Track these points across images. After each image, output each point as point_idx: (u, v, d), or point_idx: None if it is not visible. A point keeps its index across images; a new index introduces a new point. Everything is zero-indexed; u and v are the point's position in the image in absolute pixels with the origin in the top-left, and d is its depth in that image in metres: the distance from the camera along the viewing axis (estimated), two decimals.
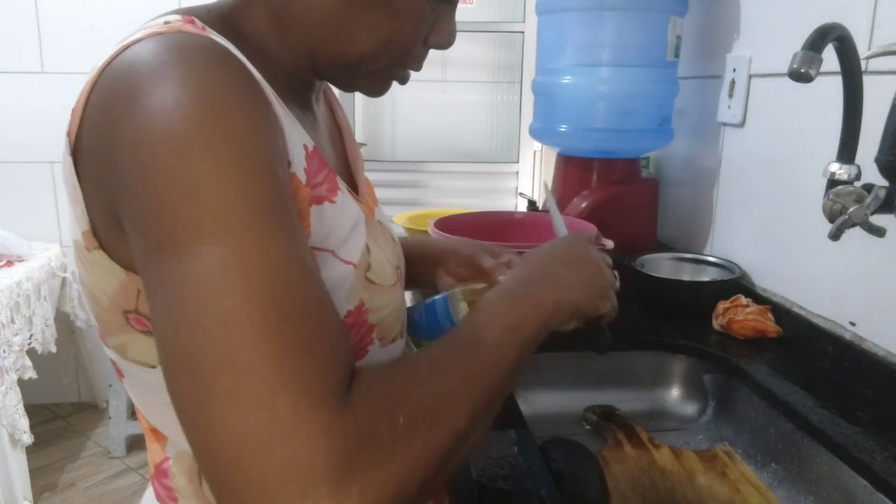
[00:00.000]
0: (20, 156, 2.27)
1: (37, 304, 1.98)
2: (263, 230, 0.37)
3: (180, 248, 0.36)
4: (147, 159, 0.37)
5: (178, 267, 0.35)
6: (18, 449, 1.82)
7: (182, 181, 0.36)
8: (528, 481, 0.63)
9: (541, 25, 1.27)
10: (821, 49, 0.64)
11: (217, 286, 0.35)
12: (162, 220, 0.36)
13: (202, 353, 0.34)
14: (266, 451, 0.32)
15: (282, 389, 0.33)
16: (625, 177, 1.26)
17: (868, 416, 0.77)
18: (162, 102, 0.37)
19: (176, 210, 0.36)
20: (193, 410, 0.34)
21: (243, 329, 0.34)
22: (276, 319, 0.35)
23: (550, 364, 1.00)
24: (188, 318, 0.35)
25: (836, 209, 0.70)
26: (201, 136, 0.37)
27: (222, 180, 0.37)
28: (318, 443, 0.32)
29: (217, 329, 0.34)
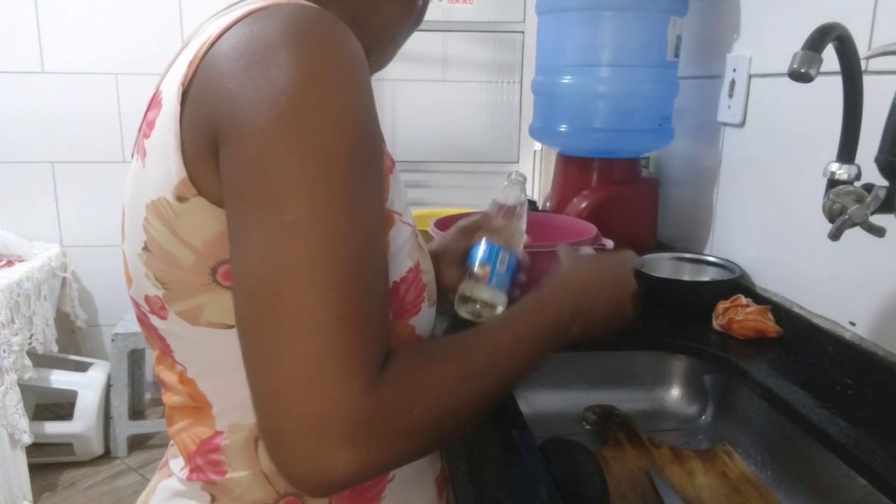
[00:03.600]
0: (20, 156, 2.27)
1: (37, 304, 1.98)
2: (350, 197, 0.41)
3: (272, 198, 0.39)
4: (265, 107, 0.40)
5: (265, 216, 0.39)
6: (18, 449, 1.82)
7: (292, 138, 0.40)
8: (528, 481, 0.63)
9: (541, 25, 1.27)
10: (821, 49, 0.64)
11: (298, 245, 0.39)
12: (260, 170, 0.40)
13: (274, 304, 0.39)
14: (309, 399, 0.38)
15: (334, 353, 0.39)
16: (625, 177, 1.26)
17: (868, 416, 0.77)
18: (295, 61, 0.41)
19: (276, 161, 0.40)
20: (258, 352, 0.40)
21: (314, 290, 0.39)
22: (343, 287, 0.40)
23: (550, 364, 1.00)
24: (266, 267, 0.39)
25: (836, 209, 0.70)
26: (320, 100, 0.41)
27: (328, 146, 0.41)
28: (348, 405, 0.38)
29: (291, 286, 0.39)
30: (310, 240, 0.39)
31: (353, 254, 0.41)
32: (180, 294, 0.49)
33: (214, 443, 0.54)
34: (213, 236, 0.47)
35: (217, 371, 0.52)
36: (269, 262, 0.39)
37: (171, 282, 0.49)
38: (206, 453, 0.54)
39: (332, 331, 0.39)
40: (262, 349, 0.40)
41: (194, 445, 0.55)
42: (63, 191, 2.33)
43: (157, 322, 0.53)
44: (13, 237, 2.05)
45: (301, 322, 0.39)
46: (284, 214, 0.39)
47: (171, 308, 0.50)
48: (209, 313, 0.49)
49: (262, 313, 0.40)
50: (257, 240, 0.40)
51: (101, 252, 2.36)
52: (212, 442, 0.54)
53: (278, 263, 0.39)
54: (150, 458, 2.21)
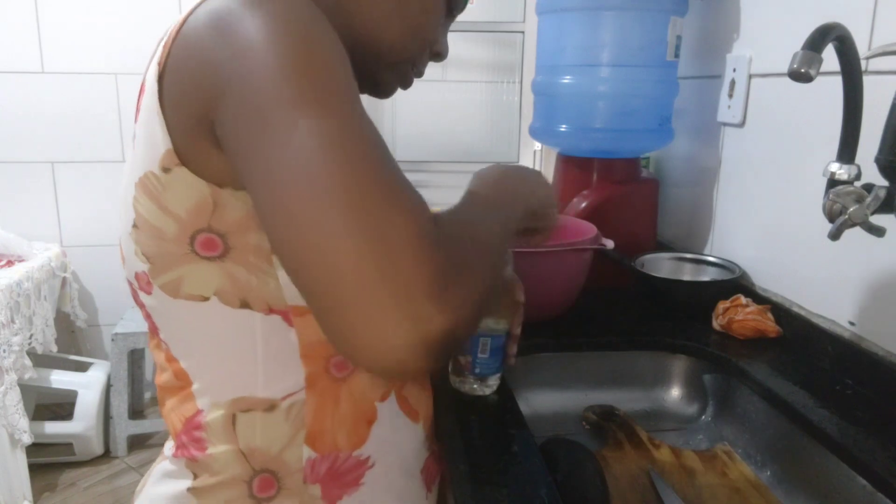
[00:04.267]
0: (20, 156, 2.27)
1: (37, 304, 1.98)
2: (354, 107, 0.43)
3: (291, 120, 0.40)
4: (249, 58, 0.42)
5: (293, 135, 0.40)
6: (18, 449, 1.82)
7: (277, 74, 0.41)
8: (528, 481, 0.63)
9: (541, 25, 1.27)
10: (821, 49, 0.64)
11: (319, 147, 0.40)
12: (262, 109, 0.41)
13: (329, 192, 0.39)
14: (387, 271, 0.38)
15: (395, 222, 0.39)
16: (625, 177, 1.26)
17: (868, 416, 0.77)
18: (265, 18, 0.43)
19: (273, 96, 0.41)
20: (318, 247, 0.38)
21: (363, 173, 0.40)
22: (383, 169, 0.41)
23: (550, 364, 1.00)
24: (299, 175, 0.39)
25: (836, 209, 0.70)
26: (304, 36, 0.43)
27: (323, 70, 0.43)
28: (424, 264, 0.39)
29: (339, 172, 0.39)
30: (328, 139, 0.40)
31: (366, 139, 0.42)
32: (163, 266, 0.51)
33: (196, 420, 0.55)
34: (193, 205, 0.49)
35: (195, 347, 0.54)
36: (298, 170, 0.40)
37: (155, 255, 0.51)
38: (189, 431, 0.56)
39: (387, 206, 0.40)
40: (321, 249, 0.38)
41: (180, 424, 0.57)
42: (63, 191, 2.33)
43: (144, 299, 0.55)
44: (13, 237, 2.05)
45: (357, 204, 0.39)
46: (299, 128, 0.40)
47: (155, 282, 0.52)
48: (188, 285, 0.51)
49: (309, 217, 0.39)
50: (281, 161, 0.40)
51: (101, 252, 2.36)
52: (194, 420, 0.55)
53: (309, 167, 0.39)
54: (150, 457, 2.21)
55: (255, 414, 0.54)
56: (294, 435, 0.55)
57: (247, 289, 0.51)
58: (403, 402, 0.63)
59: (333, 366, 0.56)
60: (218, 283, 0.51)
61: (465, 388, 0.79)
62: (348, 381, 0.57)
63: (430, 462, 0.68)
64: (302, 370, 0.54)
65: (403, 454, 0.63)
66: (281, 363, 0.54)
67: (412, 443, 0.64)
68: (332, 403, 0.56)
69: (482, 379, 0.78)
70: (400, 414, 0.62)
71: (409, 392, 0.64)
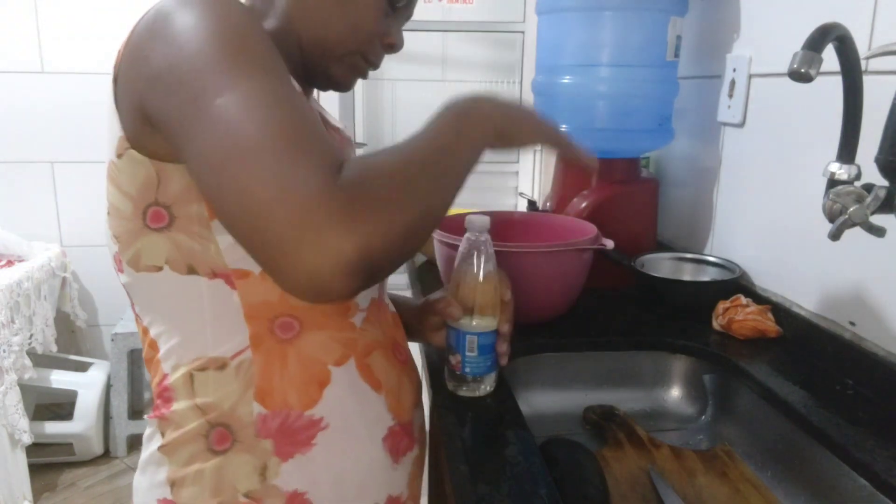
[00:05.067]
0: (20, 156, 2.27)
1: (37, 304, 1.98)
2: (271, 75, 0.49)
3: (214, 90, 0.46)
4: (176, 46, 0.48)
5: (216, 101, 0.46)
6: (18, 449, 1.82)
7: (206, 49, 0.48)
8: (528, 481, 0.63)
9: (541, 25, 1.27)
10: (821, 49, 0.64)
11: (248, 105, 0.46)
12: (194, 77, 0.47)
13: (246, 146, 0.44)
14: (295, 208, 0.42)
15: (300, 166, 0.44)
16: (625, 177, 1.26)
17: (868, 416, 0.77)
18: (193, 11, 0.49)
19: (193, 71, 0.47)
20: (240, 191, 0.43)
21: (275, 129, 0.45)
22: (293, 125, 0.46)
23: (550, 364, 1.00)
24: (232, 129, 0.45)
25: (836, 209, 0.70)
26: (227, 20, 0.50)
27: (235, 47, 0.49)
28: (327, 199, 0.43)
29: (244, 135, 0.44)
30: (246, 100, 0.46)
31: (281, 99, 0.47)
32: (127, 243, 0.58)
33: (164, 383, 0.61)
34: (142, 182, 0.55)
35: (157, 315, 0.60)
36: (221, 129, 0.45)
37: (120, 234, 0.58)
38: (161, 393, 0.62)
39: (291, 152, 0.44)
40: (242, 195, 0.43)
41: (155, 388, 0.63)
42: (63, 191, 2.33)
43: (121, 278, 0.61)
44: (13, 237, 2.05)
45: (266, 154, 0.44)
46: (215, 98, 0.46)
47: (123, 259, 0.59)
48: (145, 257, 0.57)
49: (231, 168, 0.44)
50: (207, 125, 0.46)
51: (101, 252, 2.36)
52: (163, 383, 0.62)
53: (229, 125, 0.45)
54: None
55: (209, 372, 0.59)
56: (244, 391, 0.59)
57: (191, 255, 0.56)
58: (365, 370, 0.65)
59: (278, 327, 0.60)
60: (167, 252, 0.56)
61: (460, 391, 0.79)
62: (295, 343, 0.61)
63: (398, 434, 0.69)
64: (246, 330, 0.59)
65: (361, 421, 0.65)
66: (227, 324, 0.58)
67: (372, 411, 0.66)
68: (279, 363, 0.60)
69: (476, 380, 0.78)
70: (359, 381, 0.65)
71: (373, 361, 0.66)
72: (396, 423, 0.69)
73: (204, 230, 0.56)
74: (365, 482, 0.65)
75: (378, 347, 0.68)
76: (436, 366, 0.89)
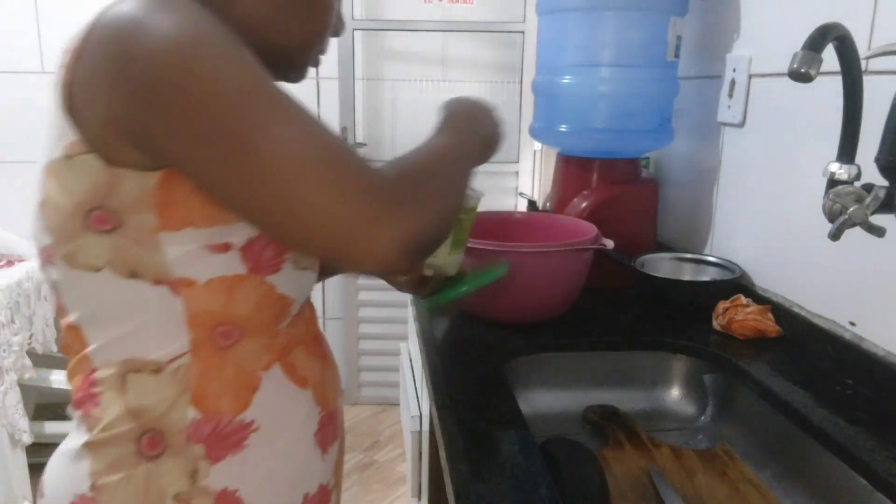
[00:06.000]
0: (20, 156, 2.27)
1: (37, 304, 1.98)
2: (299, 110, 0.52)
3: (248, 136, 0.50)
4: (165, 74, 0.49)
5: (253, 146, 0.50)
6: (18, 449, 1.82)
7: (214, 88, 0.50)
8: (528, 481, 0.63)
9: (541, 25, 1.27)
10: (821, 49, 0.64)
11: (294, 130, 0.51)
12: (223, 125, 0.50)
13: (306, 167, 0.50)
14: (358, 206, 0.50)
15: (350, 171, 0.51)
16: (625, 177, 1.26)
17: (868, 416, 0.77)
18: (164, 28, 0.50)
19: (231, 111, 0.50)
20: (308, 202, 0.50)
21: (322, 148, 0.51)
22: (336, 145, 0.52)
23: (550, 364, 1.00)
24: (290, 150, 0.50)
25: (836, 209, 0.70)
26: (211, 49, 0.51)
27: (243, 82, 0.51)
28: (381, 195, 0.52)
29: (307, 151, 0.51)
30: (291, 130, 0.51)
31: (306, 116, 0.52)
32: (63, 239, 0.58)
33: (91, 378, 0.61)
34: (90, 186, 0.55)
35: (91, 312, 0.60)
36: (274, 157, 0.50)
37: (56, 229, 0.58)
38: (86, 388, 0.61)
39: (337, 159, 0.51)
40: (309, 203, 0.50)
41: (80, 383, 0.63)
42: None
43: (49, 271, 0.61)
44: (13, 237, 2.05)
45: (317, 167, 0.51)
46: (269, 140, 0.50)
47: (57, 252, 0.58)
48: (83, 255, 0.57)
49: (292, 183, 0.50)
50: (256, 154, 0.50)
51: None
52: (89, 378, 0.61)
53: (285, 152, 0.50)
54: None
55: (144, 375, 0.59)
56: (179, 396, 0.60)
57: (135, 261, 0.57)
58: (290, 369, 0.67)
59: (219, 335, 0.61)
60: (109, 254, 0.57)
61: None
62: (233, 350, 0.62)
63: (326, 424, 0.71)
64: (187, 335, 0.60)
65: (291, 419, 0.67)
66: (167, 329, 0.59)
67: (301, 408, 0.68)
68: (216, 369, 0.61)
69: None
70: (286, 382, 0.66)
71: (295, 359, 0.68)
72: (325, 413, 0.71)
73: (151, 239, 0.56)
74: (297, 476, 0.67)
75: (299, 343, 0.69)
76: (436, 365, 0.89)
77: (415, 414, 1.31)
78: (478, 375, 0.86)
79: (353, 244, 0.51)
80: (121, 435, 0.59)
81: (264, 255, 0.61)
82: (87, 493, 0.60)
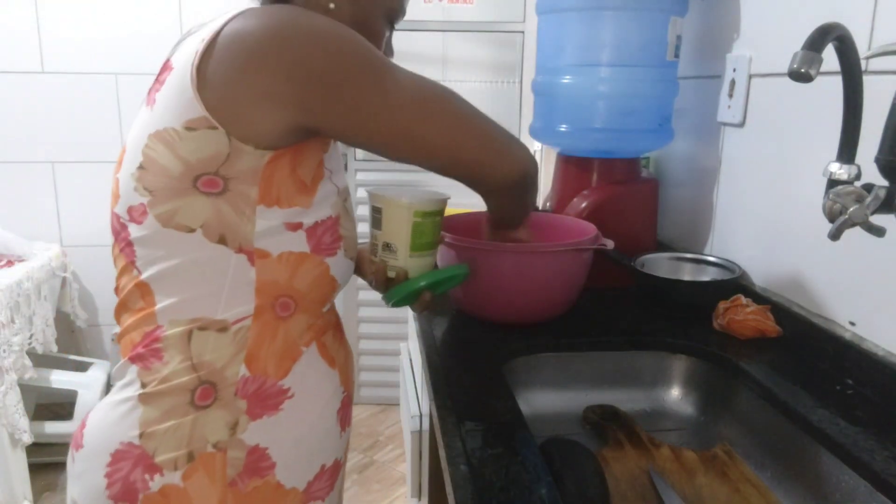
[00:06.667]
0: (20, 156, 2.27)
1: (37, 304, 1.98)
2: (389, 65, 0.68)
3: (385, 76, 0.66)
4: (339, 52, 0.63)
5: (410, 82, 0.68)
6: (18, 449, 1.82)
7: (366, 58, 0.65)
8: (528, 481, 0.63)
9: (541, 25, 1.27)
10: (821, 49, 0.64)
11: (422, 84, 0.69)
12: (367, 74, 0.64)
13: (457, 110, 0.70)
14: (505, 140, 0.74)
15: (490, 120, 0.73)
16: (625, 177, 1.26)
17: (868, 416, 0.77)
18: (305, 24, 0.62)
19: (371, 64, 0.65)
20: (477, 135, 0.71)
21: (471, 109, 0.71)
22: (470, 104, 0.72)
23: (550, 364, 1.00)
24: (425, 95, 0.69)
25: (836, 209, 0.70)
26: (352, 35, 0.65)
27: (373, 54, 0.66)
28: (510, 136, 0.74)
29: (447, 102, 0.70)
30: (419, 84, 0.69)
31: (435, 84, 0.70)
32: (162, 198, 0.63)
33: (156, 334, 0.66)
34: (209, 155, 0.62)
35: (170, 271, 0.65)
36: (425, 101, 0.68)
37: (157, 189, 0.63)
38: (148, 343, 0.66)
39: (477, 111, 0.72)
40: (478, 135, 0.72)
41: (139, 338, 0.67)
42: (63, 191, 2.33)
43: (132, 229, 0.66)
44: (13, 237, 2.05)
45: (476, 117, 0.72)
46: (401, 82, 0.68)
47: (152, 211, 0.64)
48: (181, 216, 0.63)
49: (464, 126, 0.70)
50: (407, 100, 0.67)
51: (101, 252, 2.36)
52: (153, 334, 0.66)
53: (424, 97, 0.68)
54: None
55: (209, 332, 0.66)
56: (236, 354, 0.67)
57: (227, 227, 0.64)
58: (323, 349, 0.75)
59: (279, 305, 0.69)
60: (206, 216, 0.63)
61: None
62: (286, 322, 0.70)
63: (347, 405, 0.80)
64: (253, 301, 0.67)
65: (321, 394, 0.74)
66: (239, 294, 0.66)
67: (330, 385, 0.76)
68: (270, 335, 0.68)
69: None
70: (320, 359, 0.74)
71: (327, 340, 0.76)
72: (346, 395, 0.79)
73: (249, 210, 0.64)
74: (319, 446, 0.75)
75: (331, 328, 0.77)
76: (436, 365, 0.89)
77: (415, 414, 1.31)
78: (478, 375, 0.86)
79: (501, 161, 0.72)
80: (180, 386, 0.65)
81: (324, 239, 0.70)
82: (135, 441, 0.65)
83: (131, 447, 0.65)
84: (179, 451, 0.65)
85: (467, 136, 0.69)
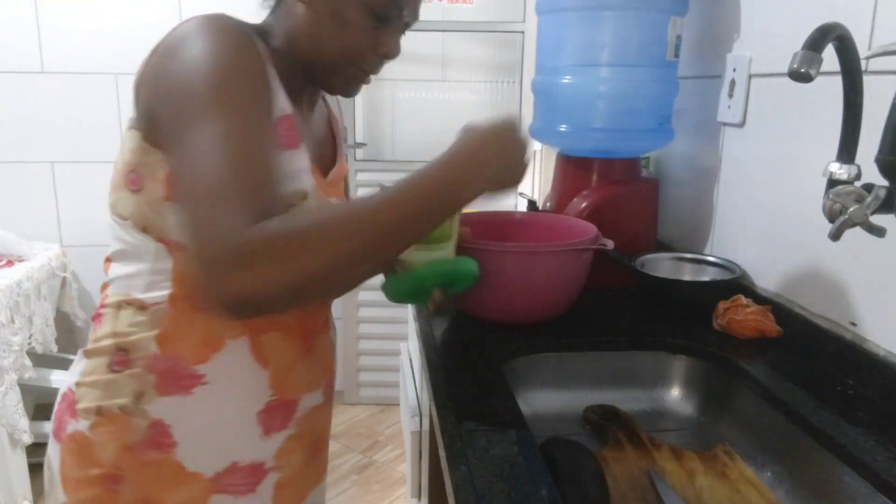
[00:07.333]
0: (20, 156, 2.27)
1: (37, 304, 1.98)
2: (243, 117, 0.61)
3: (194, 123, 0.60)
4: (179, 82, 0.62)
5: (193, 134, 0.60)
6: (18, 449, 1.82)
7: (196, 91, 0.61)
8: (528, 481, 0.63)
9: (541, 25, 1.27)
10: (821, 49, 0.64)
11: (212, 145, 0.59)
12: (183, 111, 0.61)
13: (198, 183, 0.58)
14: (208, 247, 0.55)
15: (224, 215, 0.56)
16: (625, 177, 1.26)
17: (868, 416, 0.77)
18: (192, 52, 0.62)
19: (191, 102, 0.61)
20: (188, 220, 0.57)
21: (216, 180, 0.57)
22: (234, 171, 0.58)
23: (550, 364, 1.00)
24: (194, 161, 0.59)
25: (836, 209, 0.70)
26: (217, 63, 0.62)
27: (221, 95, 0.61)
28: (229, 247, 0.55)
29: (210, 168, 0.58)
30: (205, 146, 0.58)
31: (238, 146, 0.59)
32: (113, 189, 0.73)
33: (104, 302, 0.75)
34: (133, 154, 0.70)
35: (118, 253, 0.74)
36: (186, 169, 0.59)
37: (112, 181, 0.73)
38: (99, 308, 0.76)
39: (223, 196, 0.56)
40: (188, 220, 0.58)
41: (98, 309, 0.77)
42: (63, 191, 2.33)
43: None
44: (13, 237, 2.05)
45: (203, 199, 0.57)
46: (190, 134, 0.59)
47: (109, 200, 0.74)
48: (119, 206, 0.72)
49: (185, 200, 0.58)
50: (183, 147, 0.60)
51: (100, 252, 2.33)
52: (103, 301, 0.76)
53: (192, 168, 0.58)
54: None
55: (132, 308, 0.73)
56: (149, 331, 0.72)
57: (148, 220, 0.70)
58: (257, 347, 0.74)
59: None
60: (131, 209, 0.71)
61: None
62: (206, 313, 0.72)
63: (276, 410, 0.77)
64: (170, 289, 0.71)
65: (239, 390, 0.74)
66: (157, 280, 0.71)
67: (252, 383, 0.75)
68: (186, 322, 0.72)
69: None
70: (248, 355, 0.74)
71: (268, 339, 0.75)
72: (276, 400, 0.77)
73: (159, 206, 0.69)
74: (227, 441, 0.75)
75: (279, 329, 0.76)
76: (436, 366, 0.89)
77: (415, 414, 1.31)
78: (478, 375, 0.86)
79: (200, 273, 0.57)
80: (104, 348, 0.73)
81: None
82: (73, 388, 0.75)
83: (70, 392, 0.76)
84: (92, 404, 0.73)
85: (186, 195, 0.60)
